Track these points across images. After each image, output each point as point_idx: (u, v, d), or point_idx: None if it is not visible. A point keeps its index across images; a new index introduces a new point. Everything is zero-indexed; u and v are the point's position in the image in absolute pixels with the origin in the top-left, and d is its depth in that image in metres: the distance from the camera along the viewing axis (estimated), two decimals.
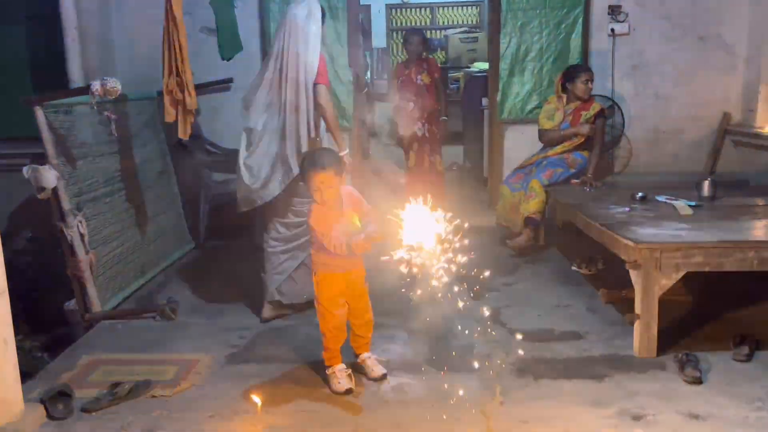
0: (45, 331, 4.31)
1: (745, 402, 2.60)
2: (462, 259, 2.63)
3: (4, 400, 2.43)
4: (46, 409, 2.63)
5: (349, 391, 2.74)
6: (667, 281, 2.95)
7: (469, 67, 9.12)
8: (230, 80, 5.38)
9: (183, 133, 3.75)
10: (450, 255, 2.50)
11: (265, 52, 5.37)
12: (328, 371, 2.81)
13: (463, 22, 11.90)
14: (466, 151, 7.90)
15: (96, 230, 3.88)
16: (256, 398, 2.60)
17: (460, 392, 2.69)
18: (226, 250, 5.07)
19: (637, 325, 3.03)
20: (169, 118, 3.78)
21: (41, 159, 3.62)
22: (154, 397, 2.76)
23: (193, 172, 5.28)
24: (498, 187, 5.28)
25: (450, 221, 2.47)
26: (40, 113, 3.53)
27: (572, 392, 2.72)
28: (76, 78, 5.07)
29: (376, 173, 6.06)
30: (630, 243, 3.00)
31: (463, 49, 10.48)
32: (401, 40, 11.88)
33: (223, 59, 4.61)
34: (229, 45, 4.62)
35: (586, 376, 2.86)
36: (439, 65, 5.91)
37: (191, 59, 4.43)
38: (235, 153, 5.28)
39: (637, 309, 3.01)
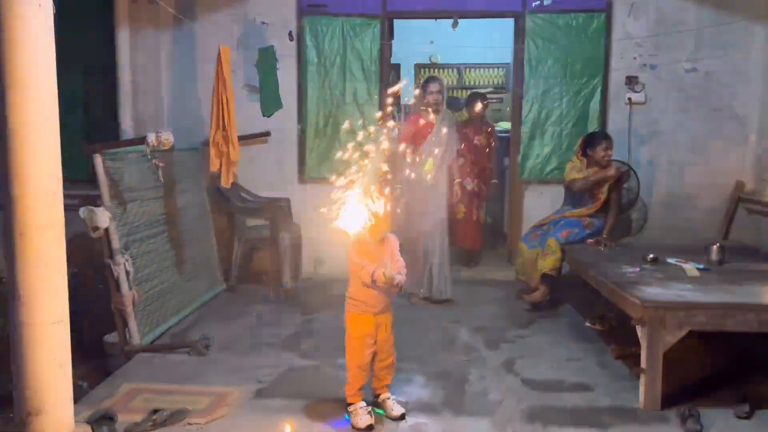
0: (83, 361, 4.57)
1: None
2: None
3: (59, 419, 2.68)
4: (93, 430, 2.87)
5: (370, 428, 2.94)
6: (671, 338, 3.14)
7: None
8: (268, 133, 5.77)
9: (226, 183, 4.10)
10: None
11: (300, 110, 5.77)
12: (350, 408, 3.02)
13: (488, 82, 12.33)
14: (487, 206, 8.15)
15: (139, 269, 4.18)
16: (288, 427, 2.82)
17: None
18: (254, 293, 5.34)
19: (642, 379, 3.20)
20: (214, 168, 4.14)
21: (93, 201, 3.97)
22: (190, 424, 3.00)
23: (228, 218, 5.62)
24: (516, 243, 5.52)
25: None
26: (98, 160, 3.90)
27: None
28: (127, 126, 5.51)
29: None
30: (637, 301, 3.21)
31: (488, 109, 10.85)
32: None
33: (263, 116, 5.00)
34: (271, 103, 5.03)
35: (592, 425, 3.03)
36: (496, 132, 6.34)
37: None
38: (268, 201, 5.66)
39: (643, 363, 3.19)
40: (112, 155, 4.09)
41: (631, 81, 5.69)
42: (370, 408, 3.02)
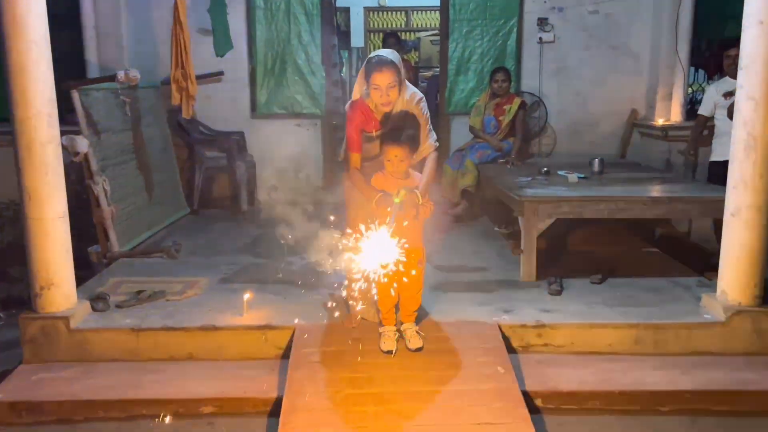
0: None
1: (584, 304, 3.72)
2: None
3: (65, 293, 3.46)
4: (91, 305, 3.66)
5: (389, 352, 3.18)
6: (542, 225, 4.06)
7: (437, 67, 10.21)
8: (221, 73, 6.41)
9: (186, 114, 4.81)
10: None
11: (250, 51, 6.43)
12: (381, 329, 3.30)
13: (435, 25, 12.98)
14: None
15: (114, 190, 4.88)
16: (247, 294, 3.65)
17: None
18: (214, 215, 6.11)
19: (521, 257, 4.13)
20: (175, 101, 4.83)
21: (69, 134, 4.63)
22: (168, 300, 3.81)
23: (189, 150, 6.31)
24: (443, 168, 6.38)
25: None
26: (75, 95, 4.55)
27: (468, 298, 3.83)
28: (93, 69, 6.08)
29: None
30: (516, 198, 4.11)
31: (434, 51, 11.57)
32: (379, 41, 13.01)
33: (216, 56, 5.65)
34: (222, 44, 5.68)
35: (481, 291, 3.97)
36: (414, 67, 7.08)
37: None
38: (223, 134, 6.36)
39: (522, 245, 4.12)
40: (85, 91, 4.74)
41: (542, 22, 6.49)
42: (398, 335, 3.28)
